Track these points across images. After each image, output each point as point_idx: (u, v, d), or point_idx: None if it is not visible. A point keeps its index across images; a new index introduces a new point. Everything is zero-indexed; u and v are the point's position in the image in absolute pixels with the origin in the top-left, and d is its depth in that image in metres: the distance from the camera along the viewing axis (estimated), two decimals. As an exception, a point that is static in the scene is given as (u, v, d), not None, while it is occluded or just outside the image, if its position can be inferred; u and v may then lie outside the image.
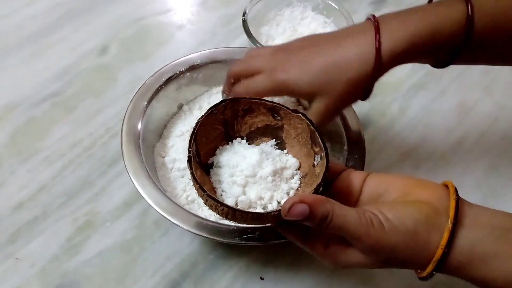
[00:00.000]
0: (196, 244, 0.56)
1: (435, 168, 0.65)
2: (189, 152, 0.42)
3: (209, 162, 0.48)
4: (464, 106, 0.72)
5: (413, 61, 0.48)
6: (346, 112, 0.58)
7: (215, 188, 0.46)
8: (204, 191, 0.40)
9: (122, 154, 0.52)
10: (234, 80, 0.51)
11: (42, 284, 0.52)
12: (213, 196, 0.40)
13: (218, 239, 0.47)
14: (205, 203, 0.41)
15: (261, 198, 0.45)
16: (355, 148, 0.55)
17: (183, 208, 0.49)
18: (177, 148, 0.58)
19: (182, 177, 0.55)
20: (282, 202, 0.38)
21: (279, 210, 0.37)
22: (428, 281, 0.54)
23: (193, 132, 0.44)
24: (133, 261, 0.54)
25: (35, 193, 0.59)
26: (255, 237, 0.47)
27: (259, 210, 0.44)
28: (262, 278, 0.54)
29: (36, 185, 0.60)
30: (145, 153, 0.54)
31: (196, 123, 0.44)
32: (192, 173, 0.41)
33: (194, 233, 0.47)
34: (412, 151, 0.66)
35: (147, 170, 0.51)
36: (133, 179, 0.50)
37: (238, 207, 0.43)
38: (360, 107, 0.68)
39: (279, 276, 0.54)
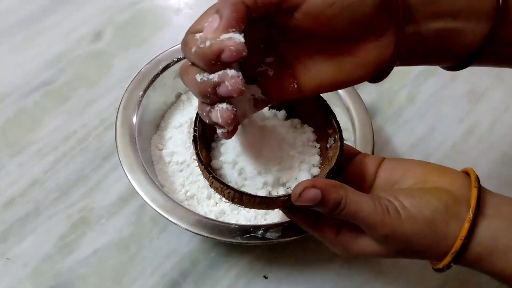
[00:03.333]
0: (196, 242, 0.53)
1: (445, 158, 0.62)
2: (195, 131, 0.40)
3: None
4: (474, 93, 0.69)
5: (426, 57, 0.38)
6: (353, 101, 0.55)
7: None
8: (210, 172, 0.38)
9: (117, 148, 0.50)
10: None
11: (35, 285, 0.50)
12: (219, 178, 0.38)
13: (218, 238, 0.45)
14: (210, 186, 0.39)
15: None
16: (363, 139, 0.53)
17: (181, 205, 0.47)
18: (175, 140, 0.55)
19: (181, 171, 0.53)
20: (292, 186, 0.36)
21: (289, 195, 0.36)
22: (438, 280, 0.53)
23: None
24: (131, 260, 0.52)
25: (27, 189, 0.56)
26: (258, 236, 0.44)
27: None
28: (265, 277, 0.52)
29: (27, 180, 0.57)
30: (141, 146, 0.51)
31: None
32: (197, 154, 0.39)
33: (193, 232, 0.44)
34: (421, 140, 0.64)
35: (143, 165, 0.49)
36: (128, 175, 0.48)
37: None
38: (367, 95, 0.66)
39: (284, 274, 0.52)
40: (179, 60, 0.57)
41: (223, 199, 0.39)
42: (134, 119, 0.52)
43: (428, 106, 0.67)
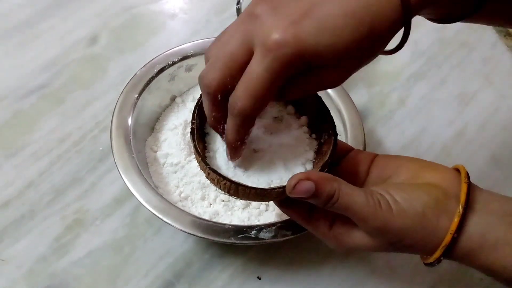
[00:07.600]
0: (190, 243, 0.54)
1: (436, 160, 0.61)
2: (192, 124, 0.40)
3: None
4: (464, 95, 0.70)
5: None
6: (344, 104, 0.56)
7: None
8: (206, 164, 0.38)
9: (112, 149, 0.50)
10: (221, 95, 0.35)
11: (30, 286, 0.51)
12: (215, 169, 0.38)
13: (212, 238, 0.45)
14: (207, 177, 0.40)
15: None
16: (354, 141, 0.53)
17: (176, 206, 0.48)
18: (169, 142, 0.55)
19: (175, 173, 0.53)
20: (286, 179, 0.37)
21: (284, 187, 0.36)
22: (429, 280, 0.53)
23: (197, 103, 0.42)
24: (125, 261, 0.52)
25: (22, 190, 0.57)
26: (251, 236, 0.45)
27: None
28: (259, 278, 0.52)
29: (22, 182, 0.57)
30: (136, 147, 0.52)
31: (201, 95, 0.43)
32: (194, 146, 0.39)
33: (188, 233, 0.45)
34: (412, 142, 0.65)
35: (138, 166, 0.49)
36: (123, 176, 0.48)
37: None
38: (358, 98, 0.67)
39: (277, 275, 0.53)
40: (174, 63, 0.57)
41: (219, 190, 0.39)
42: (129, 121, 0.53)
43: (418, 108, 0.68)
